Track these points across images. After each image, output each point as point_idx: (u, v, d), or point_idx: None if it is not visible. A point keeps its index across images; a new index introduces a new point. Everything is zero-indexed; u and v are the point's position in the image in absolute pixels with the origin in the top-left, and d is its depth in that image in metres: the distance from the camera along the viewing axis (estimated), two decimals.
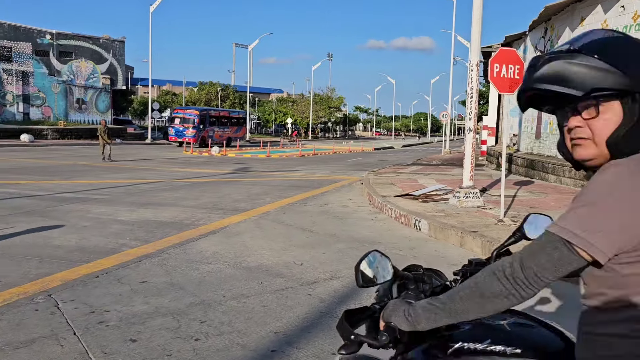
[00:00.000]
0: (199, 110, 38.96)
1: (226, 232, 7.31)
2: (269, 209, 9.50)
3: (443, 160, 25.07)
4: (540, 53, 9.36)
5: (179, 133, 37.24)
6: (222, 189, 12.42)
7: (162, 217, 8.39)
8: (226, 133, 40.95)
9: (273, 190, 12.19)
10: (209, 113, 40.49)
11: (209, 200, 10.43)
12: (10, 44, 38.80)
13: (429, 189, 10.02)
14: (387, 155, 35.68)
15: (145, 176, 15.04)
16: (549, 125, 14.44)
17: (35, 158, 21.25)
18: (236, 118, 44.91)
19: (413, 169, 18.03)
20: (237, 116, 45.54)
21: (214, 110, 44.53)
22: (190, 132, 37.04)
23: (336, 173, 18.17)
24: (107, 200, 10.01)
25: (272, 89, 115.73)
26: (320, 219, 8.46)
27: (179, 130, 37.37)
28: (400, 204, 8.83)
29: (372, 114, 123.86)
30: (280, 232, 7.40)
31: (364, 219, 8.49)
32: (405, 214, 7.91)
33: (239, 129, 44.08)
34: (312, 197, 11.13)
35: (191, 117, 37.69)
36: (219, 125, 40.76)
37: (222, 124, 41.69)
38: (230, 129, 42.20)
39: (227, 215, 8.71)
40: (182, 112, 38.88)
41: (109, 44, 44.93)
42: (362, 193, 11.58)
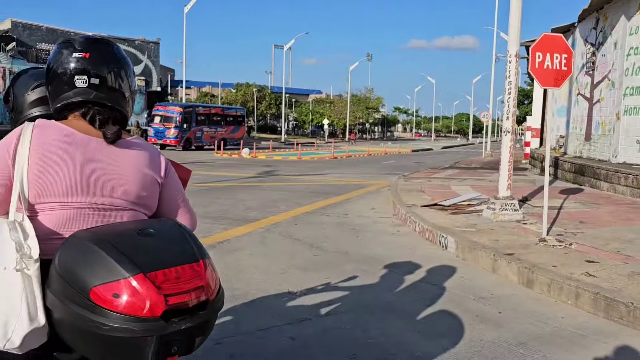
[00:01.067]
0: (183, 107, 34.13)
1: (223, 247, 6.47)
2: (281, 219, 8.62)
3: (482, 164, 23.62)
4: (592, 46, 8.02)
5: (159, 134, 32.25)
6: (238, 194, 11.65)
7: None
8: (219, 133, 35.87)
9: (292, 197, 11.32)
10: (196, 110, 35.39)
11: (220, 208, 9.65)
12: (48, 47, 39.63)
13: (460, 199, 8.90)
14: (425, 157, 34.32)
15: None
16: (600, 126, 12.98)
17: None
18: (233, 116, 39.30)
19: (448, 173, 16.80)
20: (233, 114, 39.80)
21: (204, 107, 38.72)
22: (171, 133, 32.22)
23: (365, 177, 17.15)
24: None
25: (310, 90, 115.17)
26: (334, 232, 7.51)
27: (159, 130, 32.39)
28: (427, 215, 7.78)
29: (412, 115, 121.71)
30: (284, 248, 6.49)
31: (383, 233, 7.49)
32: (430, 228, 6.87)
33: (236, 129, 38.44)
34: (332, 205, 10.18)
35: (173, 114, 32.70)
36: (211, 125, 35.71)
37: (214, 123, 36.43)
38: (225, 129, 37.06)
39: (233, 226, 7.89)
40: (162, 109, 33.77)
41: (144, 45, 45.34)
42: (387, 201, 10.55)
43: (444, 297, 4.58)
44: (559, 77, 5.92)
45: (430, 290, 4.78)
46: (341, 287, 4.86)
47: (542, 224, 6.57)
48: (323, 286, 4.87)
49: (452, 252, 6.20)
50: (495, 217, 7.12)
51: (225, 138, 35.83)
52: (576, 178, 12.22)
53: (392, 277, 5.18)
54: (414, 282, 5.05)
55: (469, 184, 12.60)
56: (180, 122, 32.11)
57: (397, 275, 5.23)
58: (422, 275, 5.27)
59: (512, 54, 6.95)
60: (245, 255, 6.09)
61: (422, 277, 5.23)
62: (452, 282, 5.08)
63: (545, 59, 5.86)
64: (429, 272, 5.41)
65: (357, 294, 4.65)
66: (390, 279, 5.15)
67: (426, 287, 4.90)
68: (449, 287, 4.87)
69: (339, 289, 4.79)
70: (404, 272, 5.35)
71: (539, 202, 9.15)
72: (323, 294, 4.66)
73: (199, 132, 34.15)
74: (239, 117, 39.54)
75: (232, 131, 37.60)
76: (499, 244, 5.82)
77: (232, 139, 36.96)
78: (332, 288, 4.83)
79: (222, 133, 36.16)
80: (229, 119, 38.08)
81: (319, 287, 4.85)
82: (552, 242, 5.77)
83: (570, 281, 4.42)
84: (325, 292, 4.70)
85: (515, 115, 7.20)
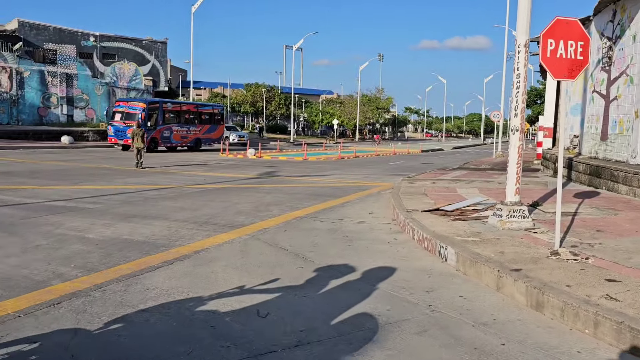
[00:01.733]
0: (147, 102, 30.08)
1: (199, 257, 5.86)
2: (270, 224, 8.00)
3: (492, 164, 22.82)
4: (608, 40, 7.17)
5: (120, 133, 28.22)
6: (232, 197, 11.04)
7: (138, 234, 7.06)
8: (192, 133, 32.33)
9: (288, 200, 10.69)
10: (163, 106, 30.89)
11: (208, 211, 9.05)
12: (55, 47, 39.43)
13: (465, 203, 8.20)
14: (434, 158, 33.53)
15: (160, 181, 13.92)
16: (618, 125, 12.18)
17: (64, 160, 20.75)
18: (208, 114, 34.89)
19: (456, 174, 16.06)
20: (209, 111, 35.28)
21: (173, 103, 34.00)
22: None
23: (370, 179, 16.47)
24: (94, 211, 8.83)
25: (321, 91, 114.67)
26: (324, 240, 6.86)
27: (119, 129, 28.34)
28: (427, 222, 7.10)
29: (423, 115, 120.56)
30: (266, 259, 5.86)
31: (378, 241, 6.82)
32: (429, 237, 6.19)
33: (212, 128, 34.19)
34: (329, 209, 9.53)
35: (136, 111, 28.79)
36: (181, 123, 31.70)
37: (186, 122, 32.46)
38: (199, 128, 33.07)
39: (216, 232, 7.28)
40: (124, 105, 29.86)
41: (152, 45, 44.99)
42: (388, 204, 9.88)
43: (439, 323, 3.91)
44: (574, 68, 5.22)
45: (422, 314, 4.12)
46: (317, 308, 4.22)
47: (554, 233, 5.88)
48: (301, 307, 4.23)
49: (452, 265, 5.52)
50: (501, 224, 6.42)
51: (199, 138, 32.93)
52: (592, 180, 11.44)
53: (379, 297, 4.52)
54: (404, 303, 4.39)
55: (476, 186, 11.87)
56: (143, 119, 28.03)
57: (386, 295, 4.57)
58: (415, 294, 4.61)
59: (521, 44, 6.25)
60: (220, 267, 5.47)
61: (415, 296, 4.56)
62: (449, 302, 4.41)
63: (558, 47, 5.16)
64: (424, 290, 4.74)
65: (333, 317, 4.00)
66: (377, 299, 4.49)
67: (418, 309, 4.24)
68: (445, 310, 4.21)
69: (314, 311, 4.15)
70: (394, 289, 4.70)
71: (551, 207, 8.43)
72: (299, 315, 4.02)
73: (166, 131, 30.22)
74: (216, 115, 35.38)
75: (208, 130, 33.87)
76: (505, 257, 5.13)
77: (208, 139, 33.97)
78: (306, 309, 4.19)
79: (196, 132, 32.70)
80: (204, 116, 34.18)
81: (295, 307, 4.21)
82: (566, 255, 5.07)
83: (588, 306, 3.73)
84: (301, 315, 4.06)
85: (524, 112, 6.49)
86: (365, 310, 4.16)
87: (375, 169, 21.06)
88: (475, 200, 8.49)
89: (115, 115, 29.53)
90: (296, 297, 4.48)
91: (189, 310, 4.14)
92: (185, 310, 4.14)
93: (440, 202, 9.00)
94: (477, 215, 7.32)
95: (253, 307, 4.20)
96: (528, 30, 6.23)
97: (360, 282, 4.96)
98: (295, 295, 4.52)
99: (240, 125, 76.28)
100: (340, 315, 4.05)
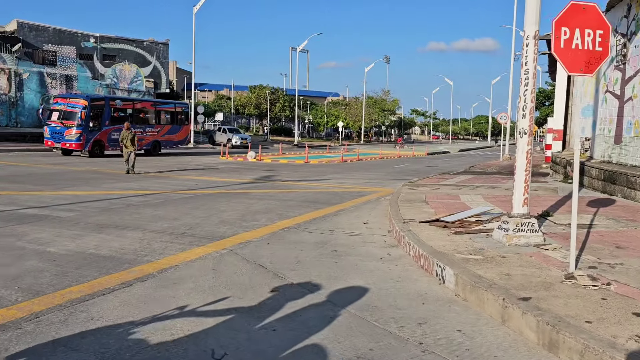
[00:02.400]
0: (90, 99, 25.42)
1: (164, 277, 5.18)
2: (254, 236, 7.31)
3: (500, 168, 22.02)
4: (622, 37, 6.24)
5: (57, 135, 24.29)
6: (219, 204, 10.36)
7: (106, 247, 6.40)
8: (149, 135, 27.86)
9: (279, 207, 10.00)
10: (110, 103, 26.45)
11: (190, 221, 8.38)
12: (54, 48, 38.98)
13: (467, 213, 7.46)
14: (439, 161, 32.75)
15: (149, 186, 13.28)
16: (633, 127, 11.40)
17: (54, 164, 20.19)
18: (170, 112, 30.28)
19: (460, 179, 15.30)
20: (171, 109, 30.64)
21: (123, 100, 29.67)
22: (72, 134, 23.85)
23: (370, 183, 15.74)
24: (66, 220, 8.18)
25: (327, 93, 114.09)
26: (310, 256, 6.16)
27: (56, 130, 24.30)
28: (424, 235, 6.38)
29: (429, 117, 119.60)
30: (239, 280, 5.16)
31: (370, 257, 6.11)
32: (425, 254, 5.47)
33: (175, 129, 29.66)
34: (321, 218, 8.83)
35: (75, 109, 24.34)
36: (137, 123, 27.22)
37: (142, 121, 28.08)
38: (158, 129, 28.57)
39: (192, 245, 6.60)
40: (62, 102, 25.22)
41: (153, 46, 44.47)
42: (386, 213, 9.17)
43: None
44: (591, 61, 4.49)
45: (411, 356, 3.40)
46: (285, 347, 3.51)
47: (568, 250, 5.15)
48: (264, 344, 3.53)
49: (450, 288, 4.80)
50: (508, 240, 5.69)
51: (158, 141, 28.47)
52: (606, 186, 10.67)
53: (363, 332, 3.82)
54: (392, 340, 3.68)
55: (481, 193, 11.12)
56: (83, 119, 23.99)
57: (371, 328, 3.86)
58: (406, 328, 3.89)
59: (529, 35, 5.52)
60: (185, 290, 4.78)
61: (405, 330, 3.85)
62: (444, 339, 3.69)
63: (573, 37, 4.44)
64: (416, 321, 4.03)
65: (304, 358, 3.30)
66: (360, 334, 3.78)
67: (407, 349, 3.53)
68: (439, 350, 3.49)
69: (280, 350, 3.45)
70: (381, 321, 3.99)
71: (564, 217, 7.68)
72: (256, 357, 3.32)
73: (115, 132, 24.82)
74: (180, 115, 30.81)
75: (170, 132, 29.35)
76: (512, 282, 4.41)
77: (170, 142, 29.66)
78: (270, 348, 3.48)
79: (154, 134, 28.05)
80: (164, 116, 29.64)
81: (258, 346, 3.51)
82: (583, 279, 4.34)
83: (615, 352, 3.01)
84: (260, 355, 3.36)
85: (533, 112, 5.76)
86: (344, 352, 3.45)
87: (377, 173, 20.34)
88: (478, 210, 7.75)
89: (52, 114, 25.14)
90: (262, 332, 3.78)
91: (128, 352, 3.45)
92: (124, 353, 3.45)
93: (441, 211, 8.27)
94: (480, 228, 6.58)
95: (209, 345, 3.50)
96: (538, 19, 5.51)
97: (343, 312, 4.25)
98: (263, 330, 3.83)
99: (245, 128, 75.80)
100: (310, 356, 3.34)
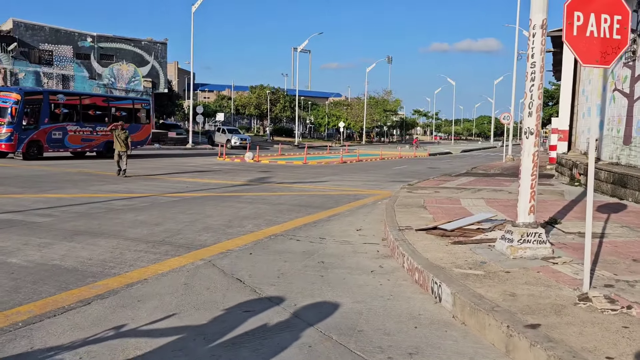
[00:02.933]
0: (23, 93, 22.13)
1: (128, 294, 4.63)
2: (237, 244, 6.76)
3: (502, 169, 21.43)
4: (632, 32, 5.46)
5: None
6: (206, 208, 9.82)
7: (73, 258, 5.87)
8: (100, 135, 24.03)
9: (269, 212, 9.45)
10: (50, 98, 22.87)
11: (172, 227, 7.84)
12: (51, 48, 38.43)
13: (468, 221, 6.89)
14: (441, 162, 32.15)
15: (137, 189, 12.74)
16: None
17: (44, 165, 19.69)
18: (126, 110, 26.27)
19: (462, 181, 14.73)
20: (127, 106, 26.66)
21: (68, 94, 25.38)
22: (1, 133, 21.10)
23: (368, 186, 15.18)
24: (39, 226, 7.66)
25: (329, 93, 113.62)
26: (294, 268, 5.61)
27: None
28: (420, 245, 5.82)
29: (432, 118, 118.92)
30: (211, 297, 4.62)
31: (360, 270, 5.55)
32: (420, 267, 4.91)
33: (133, 128, 24.70)
34: (311, 224, 8.28)
35: (6, 104, 21.30)
36: (82, 121, 23.41)
37: (92, 119, 24.03)
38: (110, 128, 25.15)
39: (167, 256, 6.06)
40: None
41: (151, 46, 43.91)
42: (381, 219, 8.61)
43: None
44: (608, 50, 3.93)
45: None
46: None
47: (579, 264, 4.60)
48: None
49: (447, 309, 4.24)
50: (512, 252, 5.12)
51: (110, 141, 22.96)
52: (615, 190, 10.09)
53: None
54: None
55: (483, 197, 10.55)
56: (15, 115, 20.99)
57: (360, 348, 3.31)
58: (399, 353, 3.34)
59: (536, 24, 4.96)
60: (147, 310, 4.24)
61: (397, 357, 3.29)
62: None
63: (587, 23, 3.89)
64: (406, 351, 3.47)
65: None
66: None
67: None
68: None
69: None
70: (366, 351, 3.43)
71: (572, 224, 7.11)
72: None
73: (57, 131, 22.24)
74: (139, 112, 26.67)
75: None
76: (517, 303, 3.85)
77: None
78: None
79: (107, 134, 22.53)
80: (119, 113, 25.44)
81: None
82: (600, 301, 3.77)
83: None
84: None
85: (540, 110, 5.20)
86: None
87: (377, 175, 19.77)
88: (480, 217, 7.19)
89: None
90: None
91: None
92: None
93: (440, 216, 7.70)
94: (482, 237, 6.02)
95: None
96: (546, 6, 4.94)
97: (322, 338, 3.70)
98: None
99: (246, 128, 75.31)
100: None
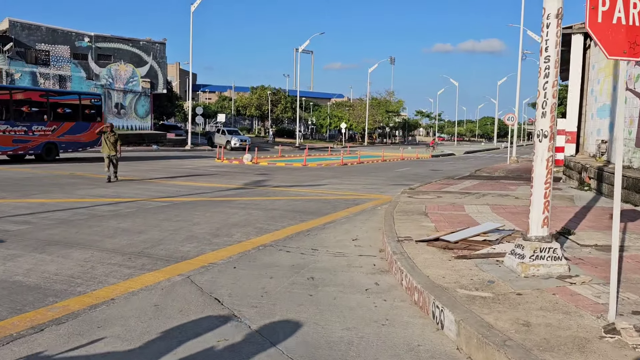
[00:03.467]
0: None
1: (89, 319, 4.09)
2: (221, 256, 6.22)
3: (507, 172, 20.84)
4: None
5: None
6: (195, 214, 9.28)
7: (39, 273, 5.35)
8: (37, 135, 21.57)
9: (260, 219, 8.90)
10: None
11: (154, 236, 7.31)
12: (48, 48, 37.94)
13: (472, 231, 6.33)
14: (444, 164, 31.55)
15: (126, 193, 12.22)
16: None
17: (38, 168, 19.20)
18: (71, 106, 23.34)
19: (465, 185, 14.15)
20: (73, 102, 23.76)
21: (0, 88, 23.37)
22: None
23: (368, 189, 14.62)
24: (12, 234, 7.15)
25: (331, 94, 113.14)
26: (281, 285, 5.06)
27: None
28: (421, 259, 5.27)
29: (434, 119, 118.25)
30: (182, 322, 4.07)
31: (354, 288, 5.00)
32: (420, 287, 4.36)
33: (79, 127, 22.81)
34: (304, 233, 7.73)
35: None
36: (14, 120, 20.81)
37: (28, 117, 21.49)
38: (52, 127, 22.06)
39: (143, 270, 5.52)
40: None
41: (149, 46, 43.41)
42: (380, 226, 8.05)
43: None
44: (638, 41, 3.38)
45: None
46: None
47: (600, 284, 4.04)
48: None
49: (451, 338, 3.69)
50: (524, 269, 4.56)
51: (54, 142, 22.01)
52: (629, 196, 9.51)
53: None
54: None
55: (488, 202, 9.97)
56: None
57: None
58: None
59: (550, 14, 4.40)
60: (109, 338, 3.69)
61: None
62: None
63: (614, 10, 3.34)
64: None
65: None
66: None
67: None
68: None
69: None
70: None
71: (587, 235, 6.53)
72: None
73: None
74: (88, 109, 23.93)
75: (72, 130, 22.65)
76: (532, 335, 3.29)
77: (73, 144, 22.90)
78: None
79: (46, 134, 21.55)
80: (62, 110, 22.72)
81: None
82: (630, 333, 3.21)
83: None
84: None
85: (555, 110, 4.65)
86: None
87: (377, 178, 19.21)
88: (486, 227, 6.62)
89: None
90: None
91: None
92: None
93: (443, 225, 7.14)
94: (489, 251, 5.45)
95: None
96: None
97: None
98: None
99: (247, 129, 74.78)
100: None
